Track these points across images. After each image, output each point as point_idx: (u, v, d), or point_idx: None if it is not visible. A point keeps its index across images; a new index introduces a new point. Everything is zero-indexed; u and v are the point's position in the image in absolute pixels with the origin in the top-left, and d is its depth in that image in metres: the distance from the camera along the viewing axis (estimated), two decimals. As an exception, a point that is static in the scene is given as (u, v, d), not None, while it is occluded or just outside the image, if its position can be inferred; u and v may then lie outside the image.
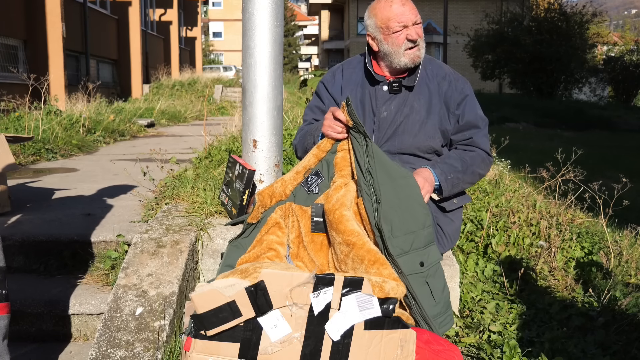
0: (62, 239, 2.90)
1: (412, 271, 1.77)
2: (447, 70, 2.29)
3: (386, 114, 2.23)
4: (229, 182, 2.74)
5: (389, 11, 2.15)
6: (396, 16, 2.14)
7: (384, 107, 2.24)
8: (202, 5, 34.91)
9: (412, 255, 1.79)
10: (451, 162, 2.19)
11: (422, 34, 2.19)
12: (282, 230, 1.96)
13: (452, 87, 2.24)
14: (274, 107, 2.71)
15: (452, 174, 2.15)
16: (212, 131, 5.60)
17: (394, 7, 2.14)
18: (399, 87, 2.23)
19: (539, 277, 2.88)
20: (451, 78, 2.26)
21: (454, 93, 2.23)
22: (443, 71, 2.27)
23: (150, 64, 19.97)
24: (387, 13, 2.15)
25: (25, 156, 5.91)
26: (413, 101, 2.23)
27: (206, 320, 1.51)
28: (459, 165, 2.18)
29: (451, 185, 2.15)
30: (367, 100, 2.27)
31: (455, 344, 2.22)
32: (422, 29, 2.19)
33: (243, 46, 2.69)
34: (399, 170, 1.90)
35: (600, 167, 6.72)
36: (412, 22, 2.15)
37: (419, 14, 2.18)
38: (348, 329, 1.55)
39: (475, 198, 3.73)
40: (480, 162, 2.23)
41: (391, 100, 2.24)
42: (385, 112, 2.24)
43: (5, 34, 10.80)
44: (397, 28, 2.15)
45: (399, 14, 2.14)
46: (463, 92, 2.25)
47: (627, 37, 30.47)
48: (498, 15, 23.25)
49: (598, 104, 21.39)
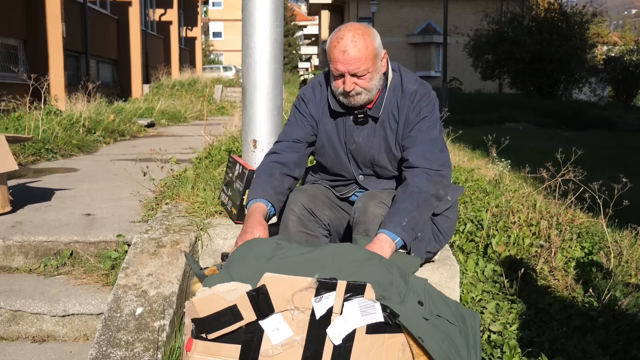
0: (62, 239, 2.90)
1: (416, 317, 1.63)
2: (412, 88, 2.12)
3: (355, 146, 2.17)
4: (229, 182, 2.74)
5: (332, 52, 1.99)
6: (334, 61, 2.00)
7: (353, 139, 2.17)
8: (202, 5, 34.90)
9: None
10: (399, 205, 1.98)
11: (364, 84, 2.01)
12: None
13: (412, 107, 2.10)
14: (274, 107, 2.71)
15: (405, 218, 1.93)
16: (212, 131, 5.60)
17: (336, 51, 1.97)
18: (364, 119, 2.13)
19: (539, 277, 2.88)
20: (413, 97, 2.11)
21: (410, 114, 2.10)
22: (408, 90, 2.12)
23: (150, 64, 19.97)
24: (330, 52, 2.00)
25: (25, 156, 5.91)
26: (381, 130, 2.14)
27: (207, 324, 1.51)
28: (408, 204, 1.96)
29: (410, 228, 1.94)
30: (341, 129, 2.18)
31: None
32: (366, 78, 2.00)
33: (243, 46, 2.69)
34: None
35: (600, 167, 6.72)
36: (351, 73, 1.98)
37: (366, 62, 1.97)
38: (350, 333, 1.54)
39: (475, 198, 3.73)
40: (426, 183, 2.00)
41: (359, 130, 2.15)
42: (354, 144, 2.17)
43: (5, 34, 10.80)
44: (334, 73, 2.02)
45: (336, 60, 1.98)
46: (420, 114, 2.10)
47: (627, 37, 30.52)
48: (498, 15, 23.25)
49: (598, 104, 21.39)
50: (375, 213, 2.03)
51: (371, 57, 1.99)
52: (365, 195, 2.15)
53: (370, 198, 2.09)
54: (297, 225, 2.14)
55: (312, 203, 2.18)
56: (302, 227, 2.14)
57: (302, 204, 2.16)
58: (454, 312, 1.74)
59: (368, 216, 2.04)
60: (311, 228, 2.16)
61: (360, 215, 2.06)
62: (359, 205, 2.11)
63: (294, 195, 2.20)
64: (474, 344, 1.71)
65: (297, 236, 2.11)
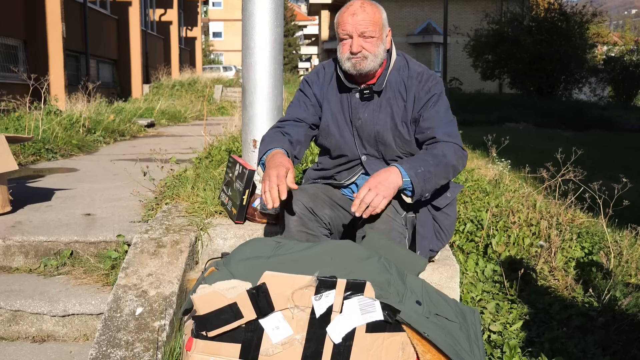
0: (62, 239, 2.90)
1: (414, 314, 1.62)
2: (419, 69, 2.21)
3: (361, 122, 2.20)
4: (229, 182, 2.74)
5: (340, 17, 2.09)
6: (342, 24, 2.08)
7: (359, 115, 2.20)
8: (202, 5, 34.92)
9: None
10: (419, 156, 2.07)
11: (370, 48, 2.09)
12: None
13: (420, 87, 2.16)
14: (274, 107, 2.71)
15: (422, 167, 1.98)
16: (212, 131, 5.60)
17: (345, 14, 2.08)
18: (370, 94, 2.18)
19: (539, 277, 2.88)
20: (421, 77, 2.18)
21: (420, 92, 2.16)
22: (414, 71, 2.20)
23: (150, 64, 19.97)
24: (339, 18, 2.10)
25: (25, 156, 5.91)
26: (386, 107, 2.19)
27: (207, 322, 1.51)
28: (429, 158, 2.03)
29: (422, 179, 1.96)
30: (346, 106, 2.23)
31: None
32: (373, 41, 2.09)
33: (243, 46, 2.69)
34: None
35: (600, 167, 6.72)
36: (358, 33, 2.07)
37: (373, 26, 2.07)
38: (349, 332, 1.54)
39: (475, 198, 3.73)
40: (452, 154, 2.06)
41: (365, 106, 2.20)
42: (360, 120, 2.20)
43: (5, 34, 10.80)
44: (342, 36, 2.10)
45: (344, 22, 2.07)
46: (430, 91, 2.16)
47: (627, 37, 30.49)
48: (498, 15, 23.23)
49: (598, 104, 21.36)
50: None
51: (378, 23, 2.09)
52: None
53: None
54: (298, 224, 2.14)
55: (313, 202, 2.18)
56: (303, 226, 2.14)
57: (303, 203, 2.16)
58: (454, 309, 1.74)
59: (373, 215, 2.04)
60: (312, 227, 2.16)
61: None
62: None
63: (295, 194, 2.20)
64: (475, 339, 1.71)
65: (298, 236, 2.11)
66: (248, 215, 2.61)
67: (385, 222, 2.03)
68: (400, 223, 2.07)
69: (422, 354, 1.58)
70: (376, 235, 1.93)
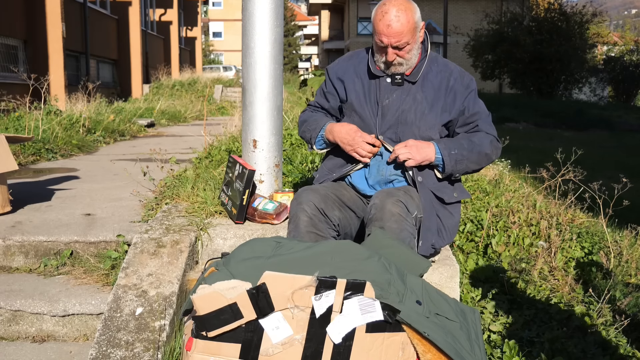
0: (62, 239, 2.90)
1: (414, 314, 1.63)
2: (454, 67, 2.37)
3: (388, 101, 2.29)
4: (229, 182, 2.74)
5: (377, 25, 2.20)
6: (379, 34, 2.20)
7: (387, 96, 2.30)
8: (202, 5, 34.91)
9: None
10: (457, 139, 2.26)
11: (404, 54, 2.22)
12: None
13: (459, 82, 2.31)
14: (274, 107, 2.71)
15: (457, 149, 2.20)
16: (212, 131, 5.61)
17: (381, 24, 2.18)
18: (401, 80, 2.29)
19: (539, 277, 2.88)
20: (457, 75, 2.33)
21: (460, 87, 2.30)
22: (449, 68, 2.35)
23: (150, 64, 19.97)
24: (376, 25, 2.21)
25: (25, 156, 5.91)
26: (416, 93, 2.29)
27: (207, 322, 1.51)
28: (465, 143, 2.23)
29: (454, 161, 2.19)
30: (372, 90, 2.33)
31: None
32: (407, 49, 2.22)
33: (243, 46, 2.69)
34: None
35: (600, 167, 6.72)
36: (392, 45, 2.19)
37: (407, 35, 2.18)
38: (349, 332, 1.54)
39: (475, 198, 3.73)
40: (488, 144, 2.27)
41: (393, 90, 2.30)
42: (387, 99, 2.30)
43: (5, 34, 10.80)
44: (378, 43, 2.22)
45: (380, 33, 2.19)
46: (469, 87, 2.32)
47: (627, 37, 30.47)
48: (498, 15, 23.24)
49: (598, 104, 21.38)
50: (392, 211, 2.05)
51: (412, 30, 2.20)
52: (382, 192, 2.18)
53: (388, 196, 2.12)
54: (308, 225, 2.13)
55: (324, 203, 2.18)
56: (313, 227, 2.14)
57: (314, 203, 2.16)
58: (454, 308, 1.74)
59: (385, 214, 2.06)
60: (321, 229, 2.16)
61: (377, 213, 2.09)
62: (376, 202, 2.12)
63: (306, 195, 2.20)
64: (476, 338, 1.71)
65: (307, 236, 2.11)
66: (248, 215, 2.61)
67: (397, 222, 2.03)
68: (411, 223, 2.08)
69: (422, 353, 1.58)
70: (381, 234, 1.93)
